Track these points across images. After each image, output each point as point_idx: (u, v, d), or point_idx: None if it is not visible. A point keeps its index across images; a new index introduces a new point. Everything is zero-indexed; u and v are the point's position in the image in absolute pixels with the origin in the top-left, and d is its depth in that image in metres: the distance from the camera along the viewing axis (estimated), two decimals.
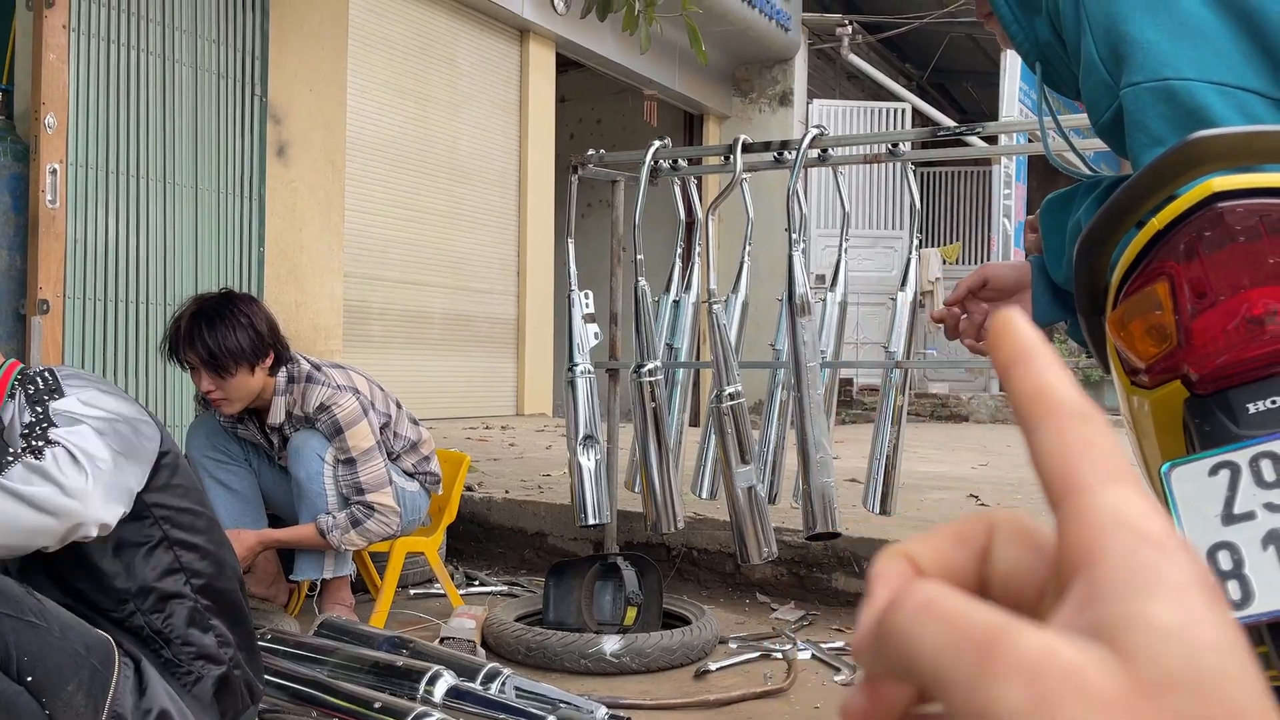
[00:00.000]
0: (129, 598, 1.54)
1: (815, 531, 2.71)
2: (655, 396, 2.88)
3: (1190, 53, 1.03)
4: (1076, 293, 1.05)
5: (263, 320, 2.57)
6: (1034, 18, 1.24)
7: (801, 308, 2.67)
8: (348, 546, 2.65)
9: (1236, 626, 0.23)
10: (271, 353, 2.59)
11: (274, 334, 2.60)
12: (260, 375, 2.59)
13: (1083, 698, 0.21)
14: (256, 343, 2.55)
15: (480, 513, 3.86)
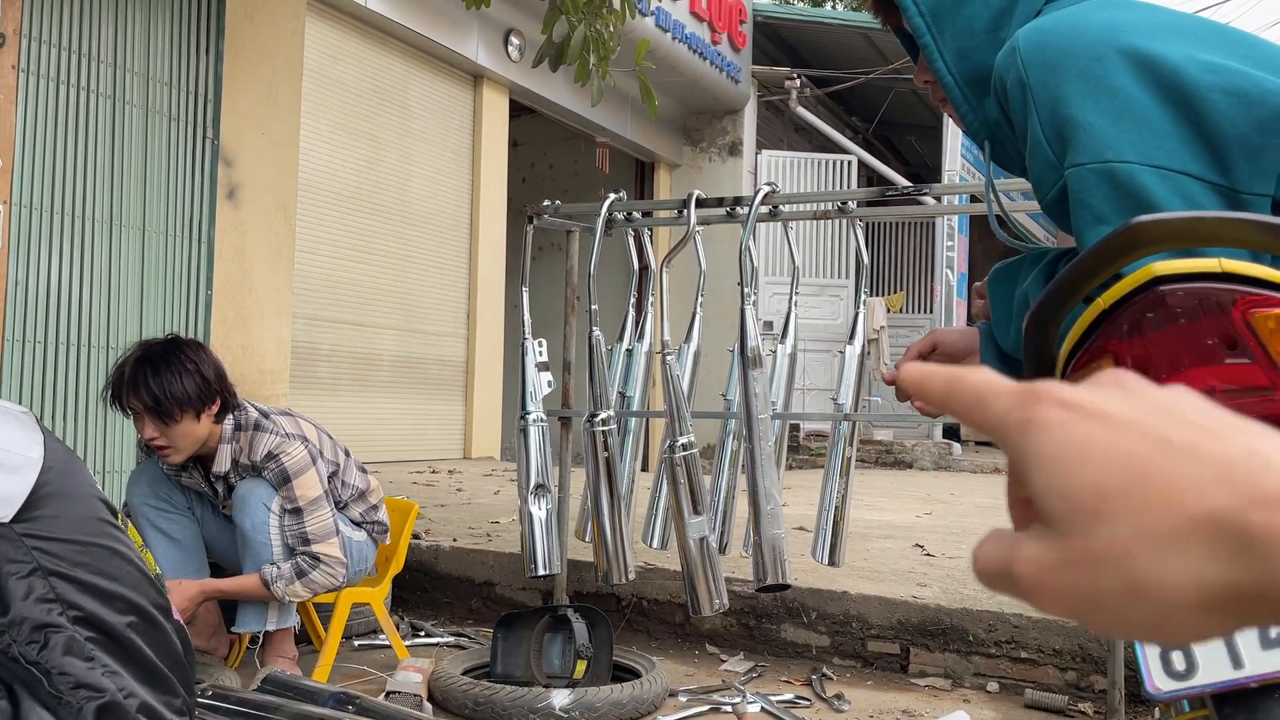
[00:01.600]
0: (4, 627, 1.52)
1: (766, 584, 2.72)
2: (608, 446, 2.88)
3: (1131, 136, 1.08)
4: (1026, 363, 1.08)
5: (210, 366, 2.54)
6: (983, 99, 1.29)
7: (753, 360, 2.70)
8: (292, 598, 2.60)
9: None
10: (218, 399, 2.56)
11: (221, 380, 2.56)
12: (206, 422, 2.55)
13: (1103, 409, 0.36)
14: (203, 389, 2.51)
15: (427, 561, 3.82)
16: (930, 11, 1.31)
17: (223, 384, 2.56)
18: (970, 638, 2.99)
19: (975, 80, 1.29)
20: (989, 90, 1.27)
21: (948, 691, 2.93)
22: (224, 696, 2.08)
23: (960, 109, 1.31)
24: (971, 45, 1.29)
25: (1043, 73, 1.14)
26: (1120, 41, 1.12)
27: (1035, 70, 1.15)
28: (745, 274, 2.81)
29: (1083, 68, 1.12)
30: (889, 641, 3.10)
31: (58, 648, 1.53)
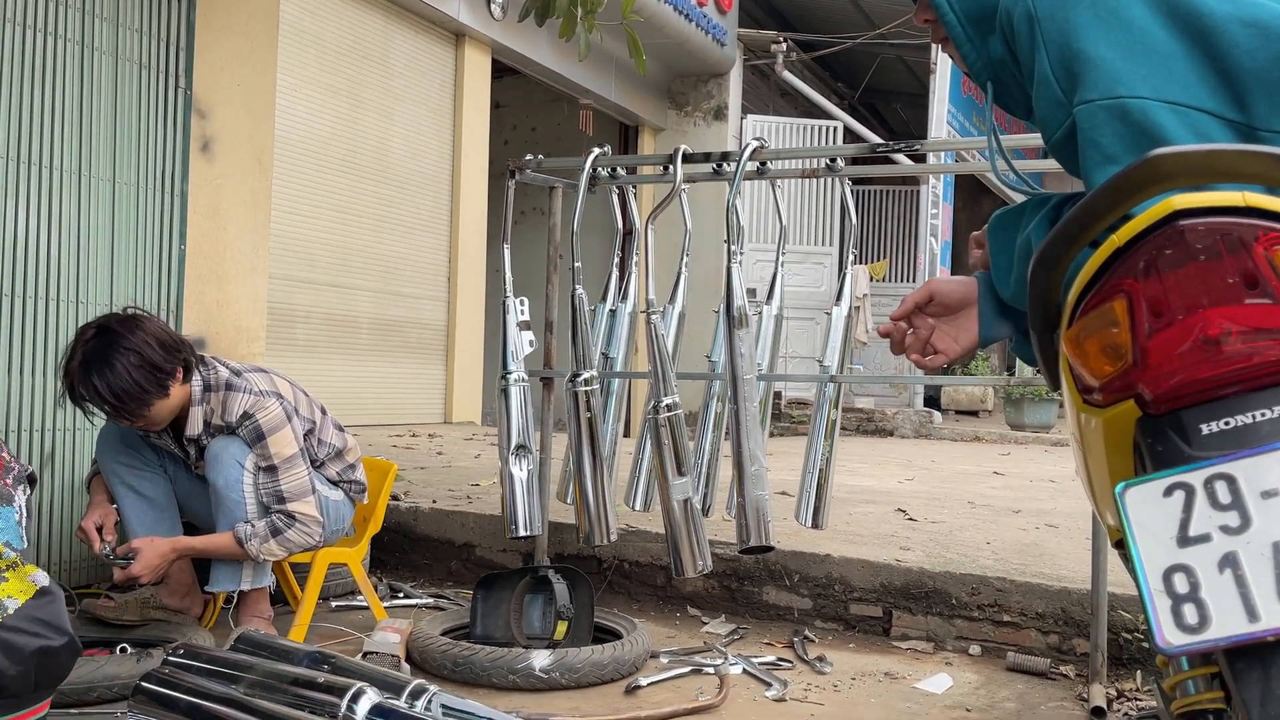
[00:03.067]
0: None
1: (749, 545, 2.69)
2: (590, 406, 2.83)
3: (1145, 71, 1.03)
4: (1030, 310, 1.04)
5: (153, 343, 2.42)
6: (987, 37, 1.24)
7: (739, 320, 2.65)
8: (266, 557, 2.55)
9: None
10: (178, 369, 2.48)
11: (172, 351, 2.46)
12: (176, 392, 2.48)
13: None
14: (155, 371, 2.42)
15: (406, 523, 3.77)
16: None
17: (176, 352, 2.47)
18: (953, 601, 2.97)
19: (979, 17, 1.24)
20: (994, 28, 1.21)
21: (930, 654, 2.91)
22: (195, 654, 2.03)
23: (962, 48, 1.26)
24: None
25: (1052, 5, 1.09)
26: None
27: (1044, 2, 1.10)
28: (731, 232, 2.75)
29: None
30: (871, 604, 3.08)
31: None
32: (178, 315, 3.66)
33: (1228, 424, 0.88)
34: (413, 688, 1.96)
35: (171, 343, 2.47)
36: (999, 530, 3.79)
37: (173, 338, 2.48)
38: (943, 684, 2.64)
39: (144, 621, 2.68)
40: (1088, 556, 3.30)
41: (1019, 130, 2.43)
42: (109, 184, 3.42)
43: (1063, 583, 2.89)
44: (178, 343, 2.49)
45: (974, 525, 3.88)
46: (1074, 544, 3.56)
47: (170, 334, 2.49)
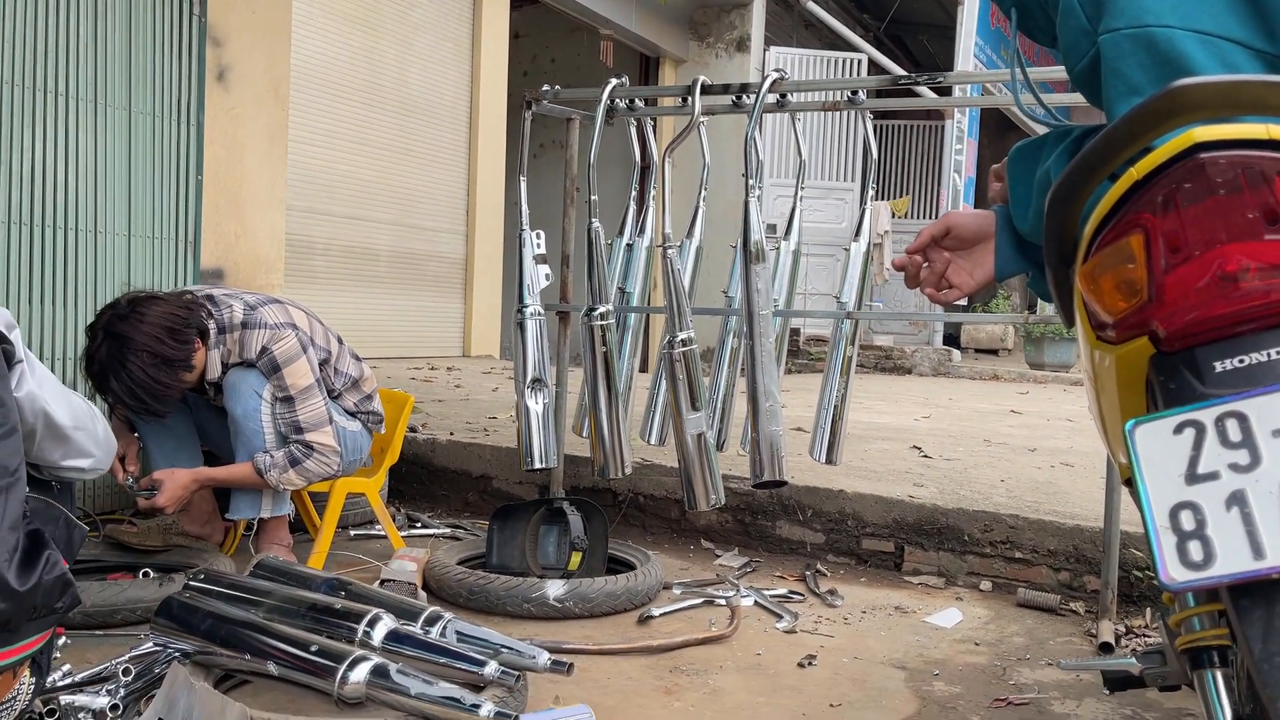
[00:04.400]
0: None
1: (762, 480, 2.70)
2: (606, 341, 2.83)
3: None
4: (1046, 244, 1.03)
5: (163, 335, 2.39)
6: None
7: (756, 255, 2.64)
8: (285, 486, 2.58)
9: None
10: (194, 343, 2.48)
11: (184, 329, 2.44)
12: (198, 360, 2.49)
13: None
14: (171, 363, 2.42)
15: (424, 454, 3.81)
16: None
17: (187, 331, 2.45)
18: (965, 537, 2.99)
19: None
20: None
21: (940, 589, 2.94)
22: (215, 579, 2.07)
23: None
24: None
25: None
26: None
27: None
28: (750, 165, 2.72)
29: None
30: (884, 540, 3.10)
31: None
32: (195, 247, 3.67)
33: (1242, 362, 0.87)
34: (428, 614, 1.99)
35: (181, 324, 2.44)
36: (1014, 468, 3.79)
37: (182, 317, 2.45)
38: (953, 618, 2.66)
39: (166, 547, 2.73)
40: (1101, 495, 3.31)
41: (1047, 63, 2.37)
42: (125, 112, 3.41)
43: (1075, 520, 2.89)
44: (188, 318, 2.46)
45: (989, 463, 3.89)
46: (1089, 483, 3.56)
47: (179, 313, 2.45)
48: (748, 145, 2.71)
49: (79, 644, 2.15)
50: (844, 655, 2.35)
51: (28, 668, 1.49)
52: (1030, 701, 2.12)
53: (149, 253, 3.50)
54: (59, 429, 1.72)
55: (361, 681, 1.69)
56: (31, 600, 1.43)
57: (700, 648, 2.35)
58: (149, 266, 3.49)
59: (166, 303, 2.49)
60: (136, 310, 2.45)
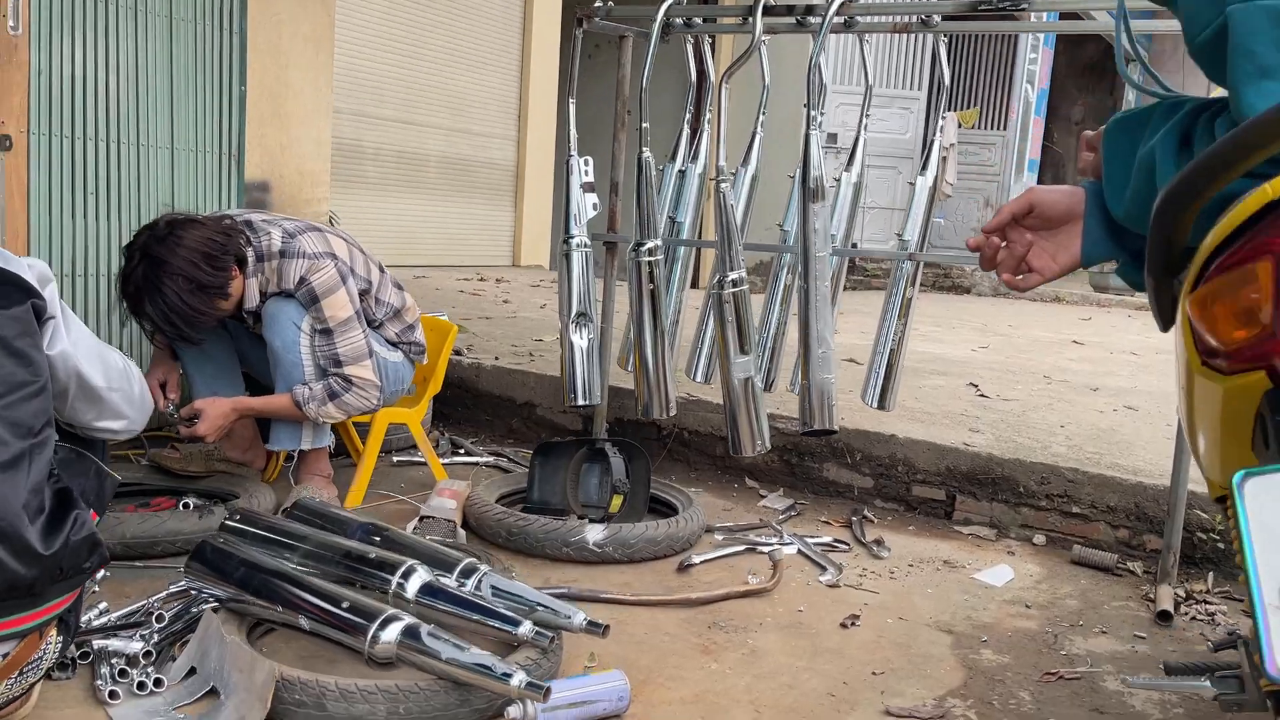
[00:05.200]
0: None
1: (812, 429, 2.61)
2: (653, 277, 2.73)
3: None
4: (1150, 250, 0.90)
5: (199, 260, 2.33)
6: None
7: (815, 193, 2.49)
8: (324, 419, 2.54)
9: None
10: (231, 269, 2.41)
11: (222, 255, 2.36)
12: (234, 288, 2.43)
13: None
14: (207, 289, 2.36)
15: (469, 379, 3.76)
16: None
17: (225, 257, 2.37)
18: (1020, 489, 2.88)
19: None
20: None
21: (991, 542, 2.85)
22: (252, 520, 2.04)
23: None
24: None
25: None
26: None
27: None
28: (813, 95, 2.56)
29: None
30: (935, 487, 3.01)
31: None
32: (239, 159, 3.59)
33: None
34: (464, 566, 1.95)
35: (219, 250, 2.37)
36: (1075, 411, 3.66)
37: (219, 243, 2.38)
38: (1003, 576, 2.58)
39: (209, 473, 2.72)
40: (1166, 446, 3.17)
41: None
42: (165, 20, 3.30)
43: (1139, 476, 2.77)
44: (226, 244, 2.39)
45: (1048, 404, 3.75)
46: (1153, 430, 3.42)
47: (216, 239, 2.38)
48: (811, 73, 2.54)
49: (117, 577, 2.15)
50: (888, 615, 2.28)
51: (55, 627, 1.47)
52: (1082, 676, 2.04)
53: (192, 166, 3.43)
54: (92, 390, 1.68)
55: (393, 642, 1.65)
56: (57, 563, 1.39)
57: (741, 601, 2.30)
58: (192, 180, 3.43)
59: (205, 227, 2.42)
60: (175, 233, 2.39)
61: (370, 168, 7.66)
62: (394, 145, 7.80)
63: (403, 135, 7.85)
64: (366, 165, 7.62)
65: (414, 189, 8.01)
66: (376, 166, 7.71)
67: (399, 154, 7.88)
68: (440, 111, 8.17)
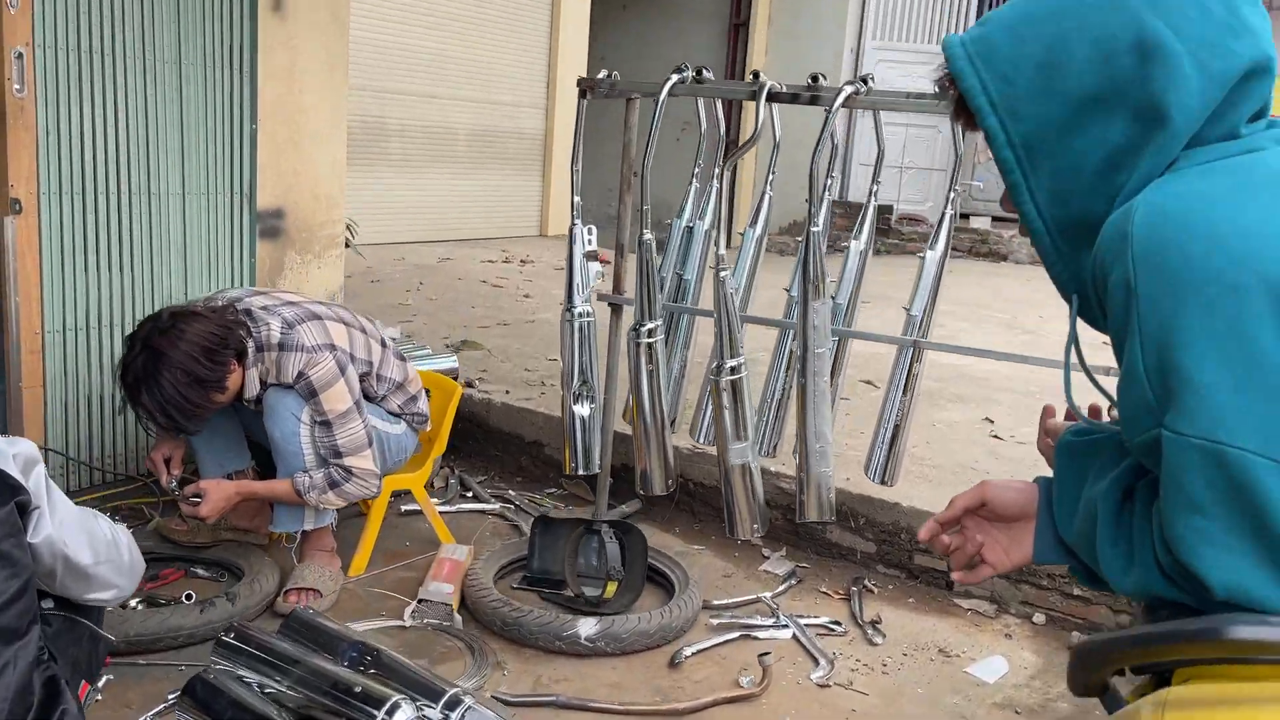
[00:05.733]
0: None
1: (808, 520, 2.62)
2: (653, 359, 2.71)
3: (1257, 413, 0.82)
4: (1070, 677, 0.89)
5: (199, 355, 2.35)
6: (1080, 251, 1.01)
7: (816, 290, 2.45)
8: (325, 506, 2.58)
9: None
10: (230, 363, 2.42)
11: (222, 349, 2.38)
12: (233, 381, 2.45)
13: None
14: (205, 384, 2.37)
15: (479, 414, 3.79)
16: (1023, 142, 1.00)
17: (225, 351, 2.39)
18: (1023, 568, 2.87)
19: (1073, 229, 1.01)
20: (1089, 243, 0.98)
21: (990, 620, 2.85)
22: (245, 638, 2.09)
23: (1048, 259, 1.03)
24: (1074, 188, 0.99)
25: (1157, 285, 0.87)
26: (1272, 267, 0.83)
27: (1148, 277, 0.87)
28: (816, 188, 2.50)
29: (1211, 297, 0.84)
30: (937, 558, 3.00)
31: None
32: (252, 197, 3.59)
33: None
34: (449, 698, 1.99)
35: (219, 344, 2.39)
36: None
37: (220, 336, 2.40)
38: (997, 669, 2.59)
39: (215, 542, 2.79)
40: None
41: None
42: (174, 66, 3.28)
43: None
44: (226, 338, 2.40)
45: None
46: None
47: (217, 332, 2.39)
48: (813, 165, 2.48)
49: (120, 677, 2.22)
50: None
51: None
52: None
53: (204, 210, 3.44)
54: (79, 569, 1.71)
55: None
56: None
57: (729, 706, 2.33)
58: (204, 224, 3.44)
59: (207, 320, 2.44)
60: (177, 326, 2.41)
61: (395, 145, 7.62)
62: (419, 120, 7.74)
63: (428, 109, 7.79)
64: (391, 142, 7.58)
65: (440, 163, 7.97)
66: (401, 143, 7.67)
67: (425, 129, 7.82)
68: (467, 83, 8.08)
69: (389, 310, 5.15)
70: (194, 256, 3.40)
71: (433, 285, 6.02)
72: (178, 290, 3.36)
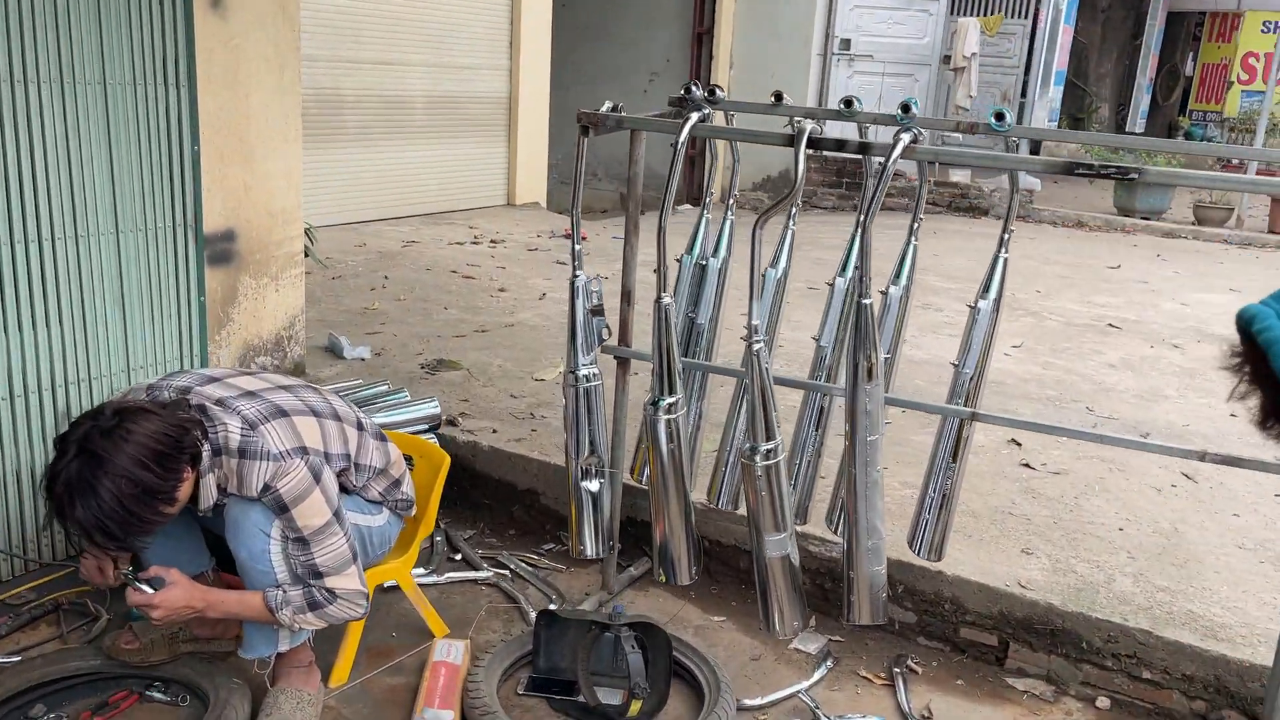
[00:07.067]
0: None
1: (861, 624, 2.31)
2: (675, 437, 2.37)
3: None
4: None
5: (149, 460, 1.95)
6: None
7: (869, 371, 2.11)
8: (303, 626, 2.22)
9: None
10: (185, 468, 2.03)
11: (174, 454, 1.98)
12: (184, 490, 2.05)
13: None
14: (153, 489, 1.97)
15: (465, 457, 3.42)
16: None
17: (179, 452, 2.00)
18: (1084, 645, 2.59)
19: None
20: None
21: (1049, 703, 2.58)
22: None
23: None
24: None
25: None
26: None
27: None
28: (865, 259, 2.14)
29: None
30: (985, 631, 2.72)
31: None
32: (197, 229, 3.15)
33: None
34: None
35: (172, 446, 1.98)
36: (1131, 492, 3.35)
37: (173, 437, 1.99)
38: None
39: (174, 658, 2.43)
40: (1238, 560, 2.88)
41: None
42: (98, 87, 2.82)
43: (1219, 643, 2.48)
44: (180, 440, 2.00)
45: (1100, 479, 3.43)
46: (1218, 525, 3.12)
47: (171, 432, 1.99)
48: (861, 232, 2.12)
49: None
50: None
51: None
52: None
53: (141, 248, 3.00)
54: None
55: None
56: None
57: None
58: (143, 264, 3.00)
59: (158, 419, 2.04)
60: (123, 425, 2.00)
61: (350, 117, 7.12)
62: (375, 89, 7.23)
63: (383, 77, 7.27)
64: (346, 114, 7.08)
65: (399, 134, 7.47)
66: (358, 115, 7.16)
67: (381, 98, 7.31)
68: (422, 46, 7.56)
69: (354, 320, 4.73)
70: (133, 303, 2.97)
71: (399, 279, 5.59)
72: (115, 344, 2.94)
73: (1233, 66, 16.11)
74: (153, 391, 2.21)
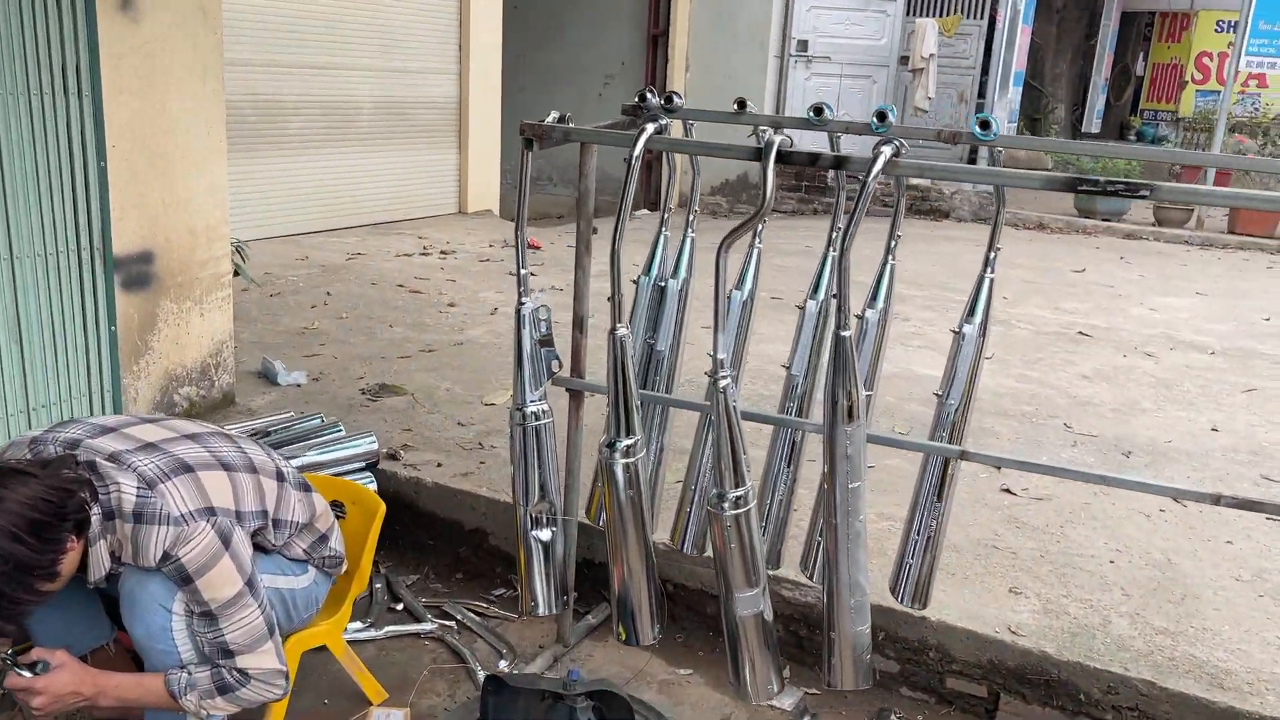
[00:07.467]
0: None
1: (842, 689, 2.09)
2: (634, 482, 2.13)
3: None
4: None
5: (23, 531, 1.68)
6: None
7: (849, 411, 1.89)
8: (211, 712, 1.95)
9: None
10: (68, 538, 1.76)
11: (59, 512, 1.72)
12: (67, 563, 1.78)
13: None
14: (28, 564, 1.71)
15: (407, 494, 3.16)
16: None
17: (61, 519, 1.74)
18: (1081, 696, 2.39)
19: None
20: None
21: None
22: None
23: None
24: None
25: None
26: None
27: None
28: (843, 292, 1.92)
29: None
30: (974, 681, 2.51)
31: None
32: (105, 253, 2.87)
33: None
34: None
35: (53, 514, 1.72)
36: (1117, 518, 3.16)
37: (54, 503, 1.72)
38: None
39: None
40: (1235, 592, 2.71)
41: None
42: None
43: (1226, 695, 2.29)
44: (63, 505, 1.74)
45: (1084, 506, 3.24)
46: (1213, 555, 2.94)
47: (51, 497, 1.72)
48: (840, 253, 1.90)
49: None
50: None
51: None
52: None
53: (41, 275, 2.72)
54: None
55: None
56: None
57: None
58: (43, 293, 2.72)
59: (35, 483, 1.76)
60: (7, 480, 1.74)
61: (293, 124, 6.81)
62: (318, 95, 6.93)
63: (327, 82, 6.97)
64: (288, 121, 6.77)
65: (345, 142, 7.17)
66: (300, 121, 6.86)
67: (325, 104, 7.02)
68: (368, 50, 7.27)
69: (291, 342, 4.44)
70: (32, 338, 2.69)
71: (342, 295, 5.30)
72: (12, 381, 2.66)
73: (1186, 66, 16.17)
74: (36, 446, 1.94)
